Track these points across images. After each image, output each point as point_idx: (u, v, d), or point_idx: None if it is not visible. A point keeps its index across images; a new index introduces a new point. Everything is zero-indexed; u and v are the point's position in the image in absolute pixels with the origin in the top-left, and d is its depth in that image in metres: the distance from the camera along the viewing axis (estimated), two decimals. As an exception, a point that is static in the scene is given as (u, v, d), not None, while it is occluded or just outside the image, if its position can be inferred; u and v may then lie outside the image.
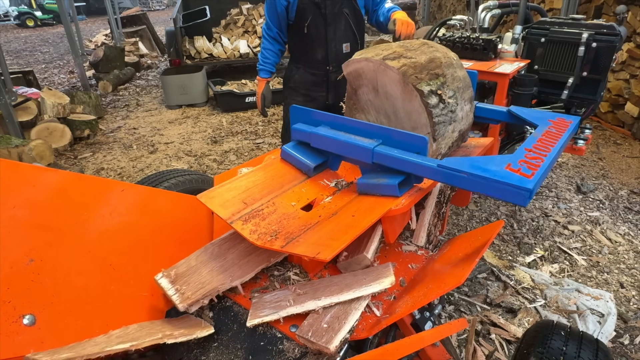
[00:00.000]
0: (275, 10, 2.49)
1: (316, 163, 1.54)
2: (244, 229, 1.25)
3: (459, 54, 2.68)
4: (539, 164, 1.18)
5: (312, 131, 1.52)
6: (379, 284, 1.24)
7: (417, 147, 1.30)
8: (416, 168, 1.27)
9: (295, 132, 1.60)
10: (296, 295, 1.28)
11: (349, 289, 1.24)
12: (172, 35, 6.73)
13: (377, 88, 1.47)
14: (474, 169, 1.15)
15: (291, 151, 1.60)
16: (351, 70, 1.53)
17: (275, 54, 2.67)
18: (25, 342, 1.04)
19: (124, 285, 1.31)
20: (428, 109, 1.34)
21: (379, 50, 1.46)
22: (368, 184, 1.40)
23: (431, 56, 1.44)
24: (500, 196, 1.13)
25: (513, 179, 1.11)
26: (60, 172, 1.40)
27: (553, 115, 1.55)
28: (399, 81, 1.37)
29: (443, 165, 1.19)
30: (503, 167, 1.16)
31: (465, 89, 1.51)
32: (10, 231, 1.14)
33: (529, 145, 1.30)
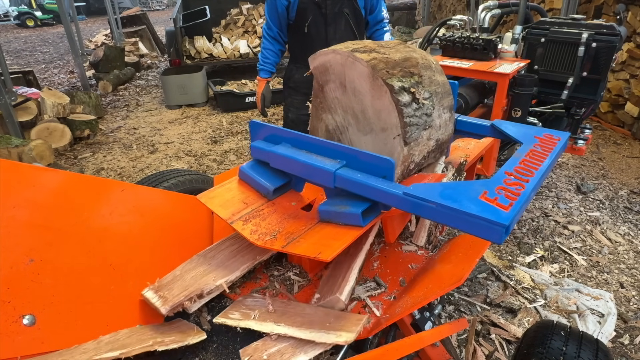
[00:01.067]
0: (276, 10, 2.49)
1: (276, 185, 1.39)
2: (245, 229, 1.25)
3: (459, 54, 2.70)
4: (519, 192, 1.03)
5: (271, 150, 1.37)
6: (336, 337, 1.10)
7: (383, 170, 1.16)
8: (380, 195, 1.13)
9: (253, 150, 1.45)
10: (266, 311, 1.26)
11: (309, 327, 1.15)
12: (172, 35, 6.74)
13: (344, 84, 1.32)
14: (443, 198, 1.01)
15: (249, 171, 1.44)
16: (318, 64, 1.37)
17: (275, 53, 2.68)
18: (25, 342, 1.04)
19: (124, 285, 1.31)
20: (399, 106, 1.20)
21: (348, 44, 1.34)
22: (329, 211, 1.25)
23: (407, 55, 1.33)
24: (472, 231, 0.98)
25: (486, 212, 0.95)
26: (60, 172, 1.40)
27: (540, 131, 1.41)
28: (368, 75, 1.22)
29: (410, 194, 1.05)
30: (477, 196, 1.01)
31: (444, 95, 1.39)
32: (10, 231, 1.14)
33: (510, 168, 1.14)
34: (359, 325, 1.14)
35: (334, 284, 1.32)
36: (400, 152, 1.23)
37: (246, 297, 1.38)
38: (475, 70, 2.49)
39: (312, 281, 1.50)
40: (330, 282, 1.34)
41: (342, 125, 1.39)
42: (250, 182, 1.46)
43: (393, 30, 9.20)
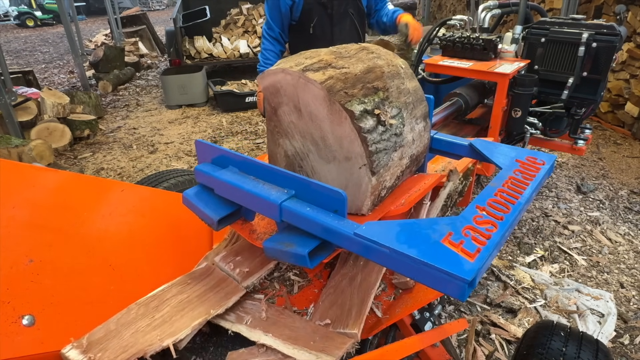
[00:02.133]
0: (279, 9, 2.46)
1: (221, 215, 1.22)
2: (244, 229, 1.25)
3: (459, 54, 2.70)
4: (489, 234, 0.87)
5: (215, 175, 1.20)
6: (316, 358, 1.06)
7: (334, 203, 1.00)
8: (328, 234, 0.98)
9: (197, 174, 1.28)
10: (259, 317, 1.25)
11: (293, 343, 1.11)
12: (172, 35, 6.74)
13: (299, 107, 1.15)
14: (399, 242, 0.86)
15: (193, 199, 1.27)
16: (268, 85, 1.18)
17: (276, 54, 2.66)
18: (24, 342, 1.04)
19: (124, 285, 1.31)
20: (361, 134, 1.04)
21: (302, 58, 1.16)
22: (275, 249, 1.08)
23: (370, 65, 1.16)
24: (430, 284, 0.83)
25: (447, 262, 0.80)
26: (60, 172, 1.40)
27: (522, 152, 1.25)
28: (324, 99, 1.05)
29: (360, 235, 0.90)
30: (440, 239, 0.86)
31: (416, 104, 1.23)
32: (10, 231, 1.14)
33: (482, 202, 0.98)
34: (342, 350, 1.09)
35: (346, 313, 1.24)
36: (368, 182, 1.10)
37: (245, 298, 1.38)
38: (475, 70, 2.49)
39: (312, 281, 1.50)
40: (340, 305, 1.29)
41: (302, 152, 1.24)
42: (194, 210, 1.28)
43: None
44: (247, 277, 1.36)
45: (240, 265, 1.39)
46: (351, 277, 1.40)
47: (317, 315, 1.28)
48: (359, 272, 1.41)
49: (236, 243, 1.54)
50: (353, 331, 1.17)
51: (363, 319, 1.21)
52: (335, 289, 1.36)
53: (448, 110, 2.44)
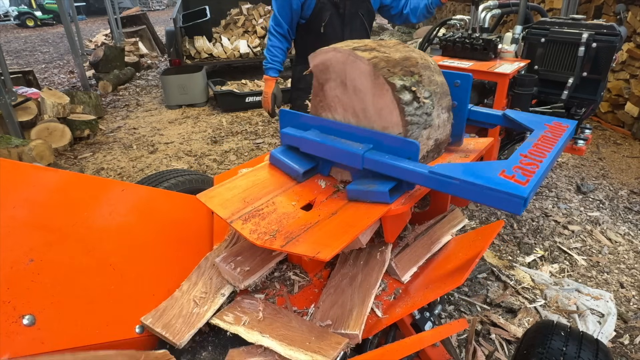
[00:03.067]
0: (290, 6, 2.43)
1: (305, 168, 1.47)
2: (244, 229, 1.25)
3: (459, 54, 2.70)
4: (534, 170, 1.12)
5: (301, 135, 1.45)
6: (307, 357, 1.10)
7: (408, 152, 1.25)
8: (407, 174, 1.22)
9: (284, 136, 1.54)
10: (255, 318, 1.26)
11: (289, 344, 1.14)
12: (172, 35, 6.74)
13: (345, 82, 1.34)
14: (466, 175, 1.10)
15: (280, 156, 1.54)
16: (318, 62, 1.40)
17: (283, 51, 2.62)
18: (25, 342, 1.04)
19: (124, 285, 1.31)
20: (400, 105, 1.22)
21: (349, 42, 1.37)
22: (358, 190, 1.33)
23: (406, 54, 1.35)
24: (493, 204, 1.07)
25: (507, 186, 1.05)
26: (60, 172, 1.40)
27: (549, 119, 1.50)
28: (369, 73, 1.24)
29: (435, 172, 1.14)
30: (497, 173, 1.11)
31: (443, 95, 1.40)
32: (10, 231, 1.14)
33: (524, 151, 1.24)
34: (337, 350, 1.12)
35: (347, 313, 1.27)
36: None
37: (244, 297, 1.38)
38: (475, 70, 2.49)
39: (312, 281, 1.50)
40: (341, 305, 1.30)
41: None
42: (280, 165, 1.54)
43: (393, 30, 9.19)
44: (249, 276, 1.36)
45: (241, 264, 1.39)
46: (351, 276, 1.40)
47: (318, 316, 1.29)
48: (359, 271, 1.41)
49: (237, 244, 1.54)
50: (354, 332, 1.18)
51: (364, 319, 1.22)
52: (336, 289, 1.37)
53: (448, 110, 2.45)
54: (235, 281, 1.36)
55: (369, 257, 1.48)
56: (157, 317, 1.28)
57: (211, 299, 1.34)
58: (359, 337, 1.19)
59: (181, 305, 1.32)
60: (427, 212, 1.85)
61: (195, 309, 1.30)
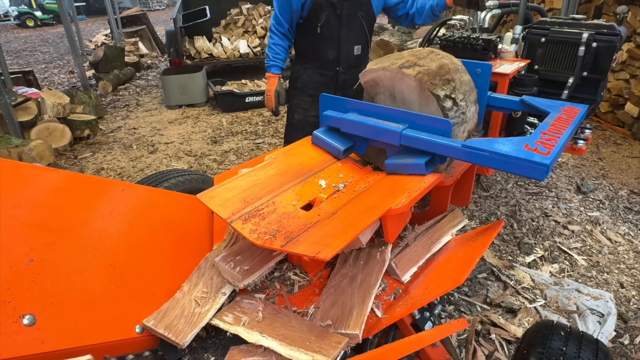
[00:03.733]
0: (290, 6, 2.43)
1: (346, 146, 1.67)
2: (244, 229, 1.25)
3: (459, 54, 2.69)
4: (553, 144, 1.30)
5: (342, 117, 1.65)
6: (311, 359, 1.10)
7: (441, 130, 1.42)
8: (443, 149, 1.40)
9: (325, 118, 1.73)
10: (255, 318, 1.26)
11: (290, 344, 1.15)
12: (172, 35, 6.73)
13: (394, 95, 1.60)
14: (495, 148, 1.28)
15: (322, 136, 1.72)
16: (368, 79, 1.65)
17: (285, 49, 2.61)
18: (25, 342, 1.04)
19: (124, 285, 1.31)
20: (444, 112, 1.45)
21: (393, 59, 1.57)
22: (396, 164, 1.52)
23: (440, 63, 1.53)
24: (520, 172, 1.24)
25: (532, 156, 1.23)
26: (60, 172, 1.40)
27: (563, 103, 1.68)
28: (416, 87, 1.48)
29: (467, 145, 1.33)
30: (522, 146, 1.28)
31: (470, 91, 1.61)
32: (10, 231, 1.14)
33: (544, 129, 1.42)
34: (337, 349, 1.12)
35: (347, 313, 1.27)
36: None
37: (244, 297, 1.38)
38: (475, 70, 2.50)
39: (312, 281, 1.50)
40: (341, 305, 1.30)
41: None
42: (322, 145, 1.71)
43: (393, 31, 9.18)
44: (248, 275, 1.36)
45: (240, 264, 1.39)
46: (351, 276, 1.40)
47: (318, 316, 1.29)
48: (359, 271, 1.41)
49: (236, 243, 1.54)
50: (354, 332, 1.18)
51: (364, 319, 1.22)
52: (336, 289, 1.37)
53: (448, 110, 2.45)
54: (234, 280, 1.36)
55: (369, 257, 1.48)
56: (159, 318, 1.28)
57: (212, 298, 1.34)
58: (360, 336, 1.19)
59: (183, 306, 1.32)
60: (427, 212, 1.85)
61: (197, 308, 1.30)
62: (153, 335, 1.26)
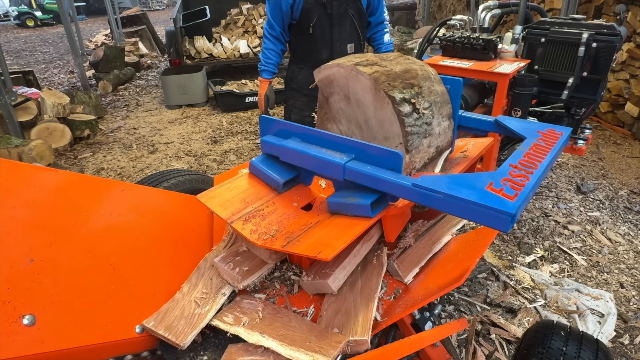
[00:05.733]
0: (280, 8, 2.47)
1: (285, 179, 1.41)
2: (244, 229, 1.25)
3: (459, 54, 2.70)
4: (523, 183, 1.06)
5: (281, 144, 1.39)
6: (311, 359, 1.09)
7: (391, 163, 1.19)
8: (389, 186, 1.16)
9: (264, 144, 1.48)
10: (255, 319, 1.26)
11: (290, 344, 1.14)
12: (172, 35, 6.74)
13: (348, 96, 1.38)
14: (451, 188, 1.04)
15: (260, 165, 1.47)
16: (323, 77, 1.44)
17: (277, 54, 2.66)
18: (25, 342, 1.04)
19: (124, 285, 1.31)
20: (400, 117, 1.25)
21: (351, 57, 1.41)
22: (339, 203, 1.28)
23: (407, 67, 1.39)
24: (479, 220, 1.01)
25: (493, 201, 0.98)
26: (60, 172, 1.40)
27: (542, 126, 1.44)
28: (371, 87, 1.28)
29: (418, 185, 1.09)
30: (484, 186, 1.05)
31: (443, 104, 1.43)
32: (10, 231, 1.14)
33: (514, 161, 1.17)
34: (337, 349, 1.12)
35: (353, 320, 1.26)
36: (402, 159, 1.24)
37: (243, 297, 1.38)
38: (475, 70, 2.49)
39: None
40: (345, 312, 1.29)
41: (347, 134, 1.45)
42: (260, 175, 1.48)
43: (393, 31, 9.20)
44: (247, 276, 1.36)
45: (240, 264, 1.39)
46: (351, 283, 1.39)
47: (323, 324, 1.28)
48: (358, 277, 1.41)
49: (235, 244, 1.54)
50: (363, 338, 1.18)
51: (370, 324, 1.21)
52: (337, 296, 1.36)
53: (448, 110, 2.45)
54: (234, 281, 1.36)
55: (366, 262, 1.47)
56: (159, 319, 1.27)
57: (212, 299, 1.33)
58: (368, 342, 1.18)
59: (182, 307, 1.32)
60: (427, 212, 1.85)
61: (197, 309, 1.30)
62: (152, 336, 1.26)
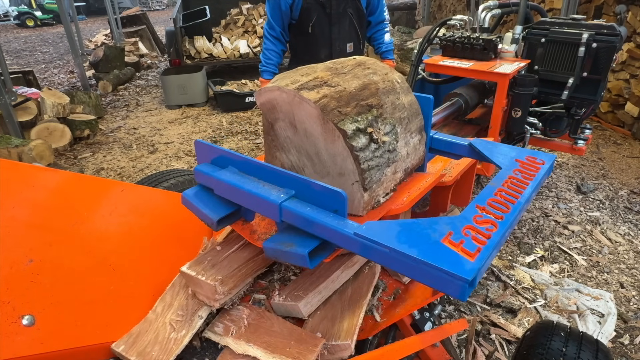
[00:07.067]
0: (279, 8, 2.48)
1: (221, 215, 1.20)
2: (244, 230, 1.25)
3: (459, 54, 2.70)
4: (489, 234, 0.87)
5: (214, 175, 1.19)
6: None
7: (334, 203, 0.99)
8: (328, 233, 0.98)
9: (197, 174, 1.27)
10: (242, 327, 1.22)
11: (272, 352, 1.11)
12: (172, 35, 6.74)
13: (294, 124, 1.17)
14: (399, 242, 0.86)
15: (192, 199, 1.25)
16: (264, 101, 1.21)
17: (278, 54, 2.67)
18: (24, 342, 1.04)
19: (124, 285, 1.31)
20: (354, 153, 1.06)
21: (298, 75, 1.18)
22: (275, 249, 1.07)
23: (365, 81, 1.18)
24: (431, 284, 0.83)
25: (447, 261, 0.80)
26: (60, 172, 1.40)
27: (522, 152, 1.25)
28: (318, 117, 1.07)
29: (361, 235, 0.90)
30: (440, 238, 0.86)
31: (411, 118, 1.25)
32: (10, 231, 1.14)
33: (482, 202, 0.98)
34: (314, 353, 1.10)
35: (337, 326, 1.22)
36: (360, 198, 1.12)
37: (232, 310, 1.35)
38: (475, 70, 2.49)
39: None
40: (331, 319, 1.27)
41: (297, 166, 1.27)
42: (193, 210, 1.27)
43: (393, 30, 9.20)
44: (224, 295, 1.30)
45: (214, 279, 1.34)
46: (341, 291, 1.36)
47: (308, 331, 1.26)
48: (349, 285, 1.38)
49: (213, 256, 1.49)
50: (346, 342, 1.14)
51: (356, 330, 1.18)
52: (325, 303, 1.33)
53: (448, 110, 2.44)
54: (209, 301, 1.26)
55: (358, 271, 1.45)
56: (130, 343, 1.18)
57: (188, 322, 1.23)
58: (352, 347, 1.14)
59: (156, 330, 1.22)
60: (427, 212, 1.85)
61: (172, 334, 1.19)
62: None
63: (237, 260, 1.31)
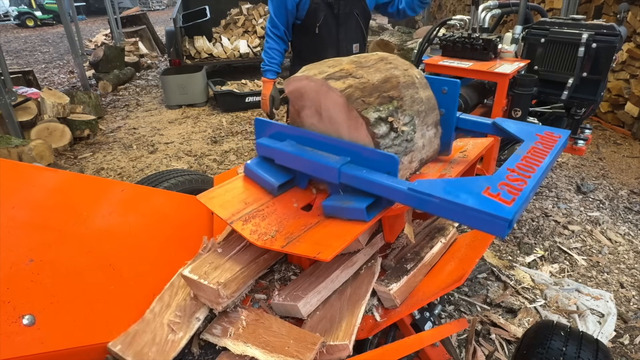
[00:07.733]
0: (285, 7, 2.45)
1: (280, 181, 1.37)
2: (244, 229, 1.25)
3: (459, 54, 2.70)
4: (521, 187, 1.03)
5: (276, 147, 1.36)
6: None
7: (387, 166, 1.16)
8: (384, 190, 1.13)
9: (259, 147, 1.46)
10: (240, 327, 1.22)
11: (271, 352, 1.12)
12: (172, 35, 6.74)
13: (320, 112, 1.29)
14: (447, 193, 1.01)
15: (255, 168, 1.44)
16: (292, 89, 1.34)
17: (280, 53, 2.64)
18: (24, 342, 1.04)
19: (124, 285, 1.31)
20: (375, 139, 1.17)
21: (324, 67, 1.28)
22: (334, 206, 1.24)
23: (387, 75, 1.27)
24: (476, 225, 0.98)
25: (490, 206, 0.95)
26: (60, 172, 1.40)
27: (541, 128, 1.42)
28: (343, 105, 1.18)
29: (414, 189, 1.06)
30: (480, 191, 1.01)
31: (428, 112, 1.34)
32: (10, 231, 1.14)
33: (512, 165, 1.14)
34: (312, 351, 1.10)
35: (336, 326, 1.23)
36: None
37: (228, 313, 1.35)
38: (475, 70, 2.49)
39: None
40: (330, 319, 1.27)
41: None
42: (255, 178, 1.45)
43: (393, 30, 9.19)
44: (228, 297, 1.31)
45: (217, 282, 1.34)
46: (340, 291, 1.36)
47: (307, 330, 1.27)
48: (348, 285, 1.38)
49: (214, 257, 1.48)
50: (344, 342, 1.15)
51: (354, 330, 1.19)
52: (324, 303, 1.33)
53: (448, 110, 2.44)
54: (211, 303, 1.27)
55: (357, 271, 1.46)
56: (127, 343, 1.18)
57: (186, 324, 1.23)
58: (350, 347, 1.15)
59: (154, 331, 1.21)
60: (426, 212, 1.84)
61: (170, 335, 1.19)
62: (153, 336, 1.26)
63: (239, 262, 1.30)
